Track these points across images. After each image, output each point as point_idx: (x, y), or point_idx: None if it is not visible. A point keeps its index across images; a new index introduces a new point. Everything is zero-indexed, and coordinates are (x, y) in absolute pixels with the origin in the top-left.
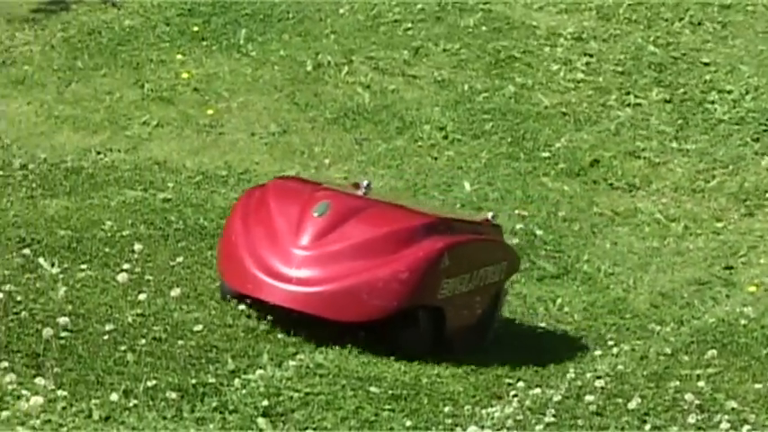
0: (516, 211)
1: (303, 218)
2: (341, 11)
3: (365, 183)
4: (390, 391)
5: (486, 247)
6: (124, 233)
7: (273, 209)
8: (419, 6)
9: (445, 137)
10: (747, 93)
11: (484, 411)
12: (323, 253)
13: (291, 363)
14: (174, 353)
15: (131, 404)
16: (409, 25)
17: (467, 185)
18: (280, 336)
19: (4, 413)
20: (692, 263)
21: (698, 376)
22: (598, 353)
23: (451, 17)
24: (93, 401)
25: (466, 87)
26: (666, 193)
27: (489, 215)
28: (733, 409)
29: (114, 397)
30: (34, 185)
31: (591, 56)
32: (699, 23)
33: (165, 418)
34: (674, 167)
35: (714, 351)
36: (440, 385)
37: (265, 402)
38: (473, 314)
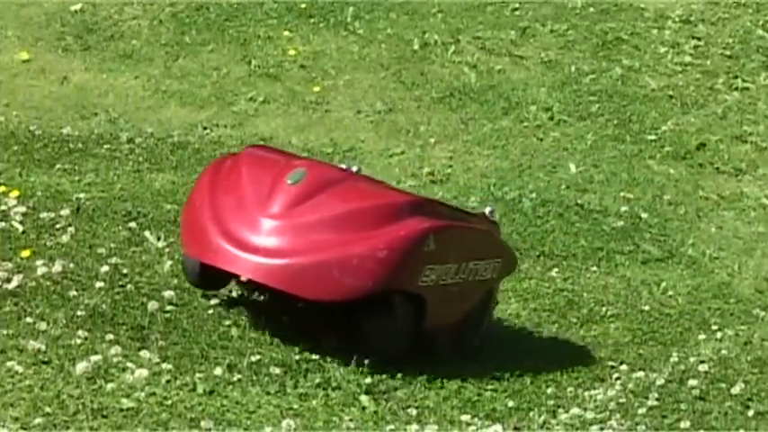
0: (621, 194)
1: (276, 185)
2: None
3: (354, 168)
4: (493, 372)
5: (478, 239)
6: None
7: (245, 176)
8: None
9: (551, 118)
10: None
11: (586, 393)
12: (294, 223)
13: None
14: (279, 328)
15: (235, 378)
16: (516, 6)
17: (572, 167)
18: None
19: (110, 385)
20: None
21: None
22: (702, 337)
23: None
24: (198, 375)
25: (572, 69)
26: None
27: (487, 210)
28: None
29: (218, 371)
30: (141, 159)
31: (699, 39)
32: None
33: (268, 393)
34: None
35: None
36: (543, 366)
37: (368, 380)
38: (458, 311)
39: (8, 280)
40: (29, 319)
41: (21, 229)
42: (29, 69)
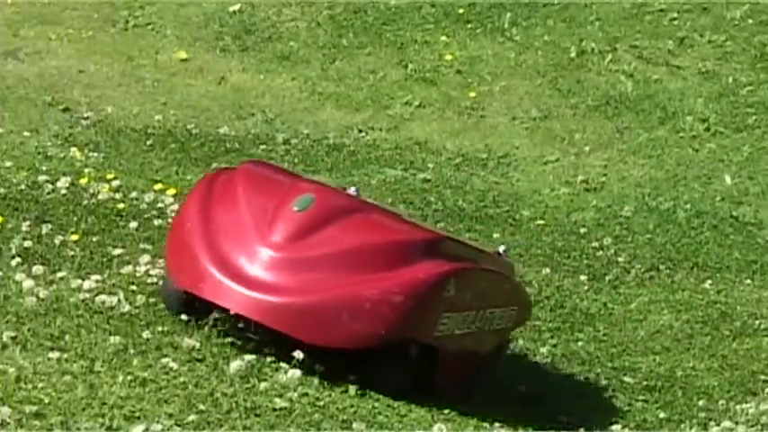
0: None
1: (279, 211)
2: None
3: (353, 189)
4: (645, 382)
5: (496, 283)
6: None
7: (242, 196)
8: None
9: (707, 129)
10: None
11: (738, 407)
12: (299, 256)
13: (544, 349)
14: None
15: None
16: (675, 15)
17: (727, 178)
18: (537, 322)
19: (263, 384)
20: None
21: None
22: None
23: (718, 8)
24: (350, 377)
25: (730, 80)
26: None
27: (501, 249)
28: None
29: None
30: (296, 160)
31: None
32: None
33: (419, 396)
34: None
35: None
36: (694, 378)
37: (522, 388)
38: (470, 364)
39: (158, 284)
40: (184, 317)
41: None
42: (187, 69)
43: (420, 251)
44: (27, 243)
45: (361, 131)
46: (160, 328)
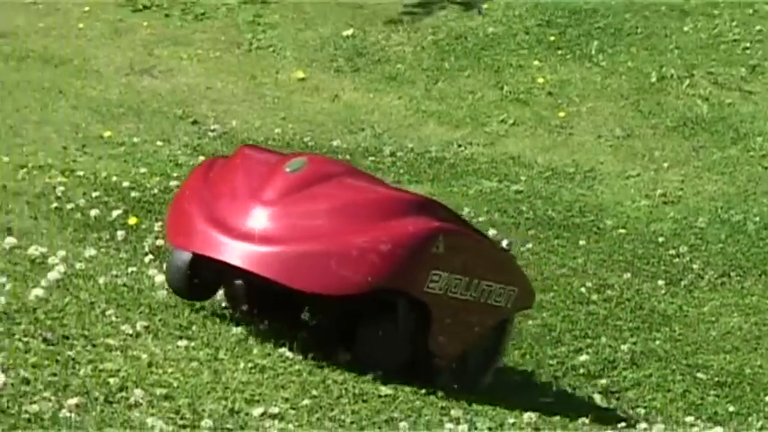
0: None
1: (273, 173)
2: (685, 28)
3: None
4: (716, 378)
5: (493, 257)
6: (480, 219)
7: (240, 165)
8: (758, 28)
9: None
10: None
11: None
12: (289, 210)
13: (625, 347)
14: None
15: None
16: (747, 45)
17: None
18: (618, 323)
19: (370, 374)
20: None
21: None
22: None
23: None
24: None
25: None
26: None
27: (504, 242)
28: None
29: None
30: (401, 171)
31: None
32: None
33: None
34: None
35: None
36: (761, 376)
37: (603, 381)
38: (467, 335)
39: None
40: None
41: None
42: (304, 87)
43: (410, 208)
44: (159, 242)
45: (460, 146)
46: (277, 322)
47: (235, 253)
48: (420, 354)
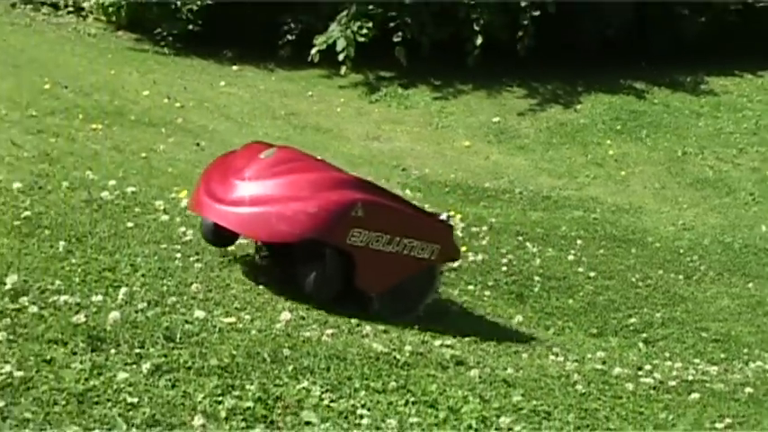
0: None
1: (252, 159)
2: (699, 123)
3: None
4: (713, 337)
5: (414, 221)
6: (572, 234)
7: (237, 153)
8: (744, 125)
9: None
10: None
11: None
12: (255, 184)
13: (658, 315)
14: None
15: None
16: (738, 135)
17: None
18: (653, 300)
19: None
20: None
21: None
22: None
23: None
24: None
25: None
26: None
27: (444, 215)
28: None
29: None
30: (526, 205)
31: None
32: None
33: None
34: None
35: None
36: (741, 336)
37: (644, 335)
38: (391, 278)
39: (449, 266)
40: (468, 287)
41: (460, 235)
42: (468, 151)
43: (340, 184)
44: None
45: (561, 190)
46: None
47: (215, 213)
48: (353, 289)
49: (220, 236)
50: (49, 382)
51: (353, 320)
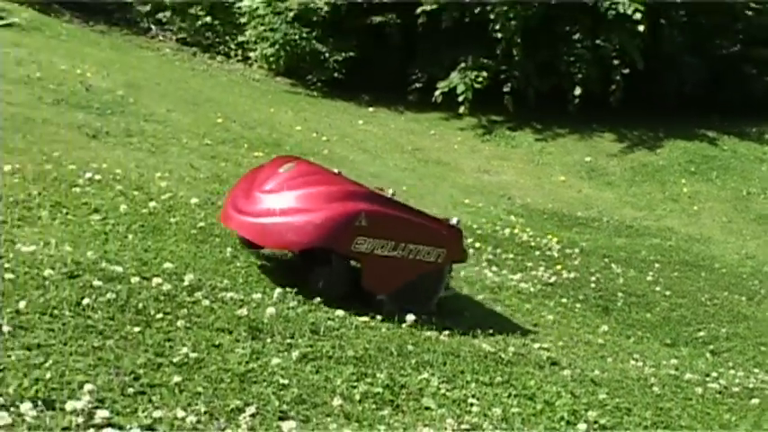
0: None
1: (273, 173)
2: (762, 168)
3: (390, 191)
4: None
5: (420, 230)
6: (650, 258)
7: (263, 167)
8: None
9: None
10: None
11: None
12: (272, 197)
13: (723, 330)
14: None
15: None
16: None
17: None
18: (720, 317)
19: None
20: None
21: None
22: None
23: None
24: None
25: None
26: None
27: (453, 220)
28: None
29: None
30: (612, 233)
31: None
32: None
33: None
34: None
35: None
36: None
37: (711, 347)
38: (398, 280)
39: (546, 281)
40: (561, 300)
41: (556, 255)
42: (563, 185)
43: (346, 196)
44: (490, 256)
45: (642, 221)
46: (530, 310)
47: (235, 223)
48: (361, 290)
49: (249, 241)
50: (217, 363)
51: (466, 324)
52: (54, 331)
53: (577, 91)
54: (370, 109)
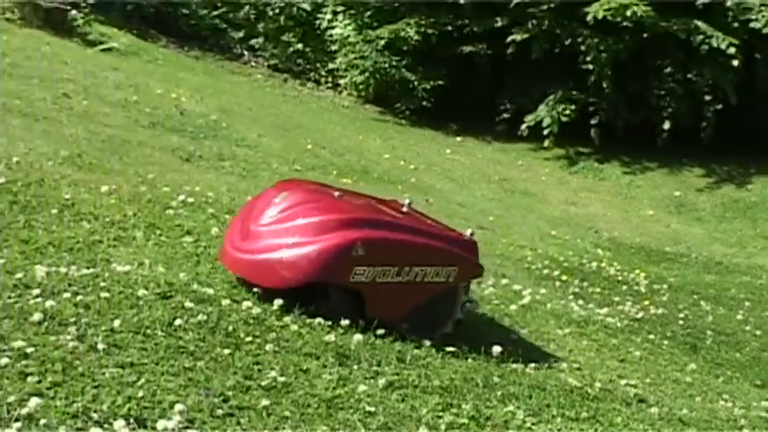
0: None
1: (268, 203)
2: None
3: (407, 201)
4: None
5: (425, 251)
6: (740, 296)
7: (261, 197)
8: None
9: None
10: None
11: None
12: (265, 230)
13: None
14: None
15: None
16: None
17: None
18: None
19: None
20: None
21: None
22: None
23: None
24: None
25: None
26: None
27: (468, 232)
28: None
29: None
30: (701, 268)
31: None
32: None
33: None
34: None
35: None
36: None
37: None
38: (406, 304)
39: (634, 316)
40: (648, 336)
41: (643, 290)
42: (651, 219)
43: (340, 225)
44: (576, 290)
45: (732, 257)
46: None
47: (228, 260)
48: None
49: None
50: (304, 388)
51: (552, 357)
52: (147, 350)
53: (667, 125)
54: (458, 138)
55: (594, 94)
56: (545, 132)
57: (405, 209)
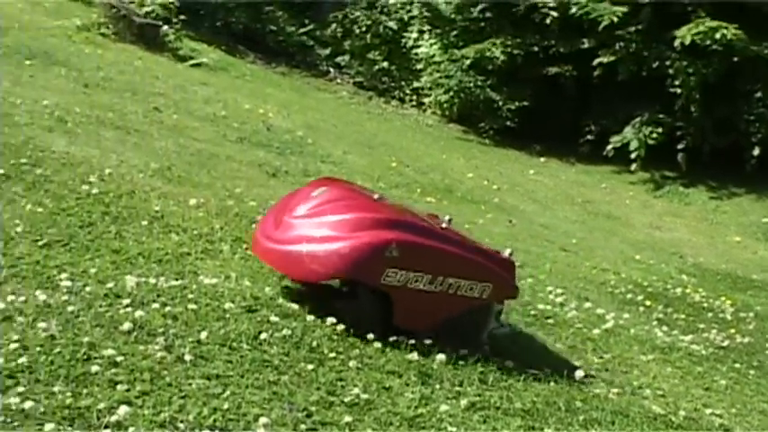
0: None
1: (305, 197)
2: None
3: (447, 218)
4: None
5: (460, 262)
6: None
7: (299, 190)
8: None
9: None
10: None
11: None
12: (297, 222)
13: None
14: None
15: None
16: None
17: None
18: None
19: None
20: None
21: None
22: None
23: None
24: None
25: None
26: None
27: (507, 252)
28: None
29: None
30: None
31: None
32: None
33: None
34: None
35: None
36: None
37: None
38: (435, 316)
39: (719, 344)
40: (734, 365)
41: (729, 318)
42: (739, 246)
43: (376, 224)
44: (661, 315)
45: None
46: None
47: (259, 249)
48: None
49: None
50: (387, 406)
51: (635, 384)
52: (232, 363)
53: (756, 151)
54: (542, 159)
55: (682, 118)
56: (632, 156)
57: (444, 225)
